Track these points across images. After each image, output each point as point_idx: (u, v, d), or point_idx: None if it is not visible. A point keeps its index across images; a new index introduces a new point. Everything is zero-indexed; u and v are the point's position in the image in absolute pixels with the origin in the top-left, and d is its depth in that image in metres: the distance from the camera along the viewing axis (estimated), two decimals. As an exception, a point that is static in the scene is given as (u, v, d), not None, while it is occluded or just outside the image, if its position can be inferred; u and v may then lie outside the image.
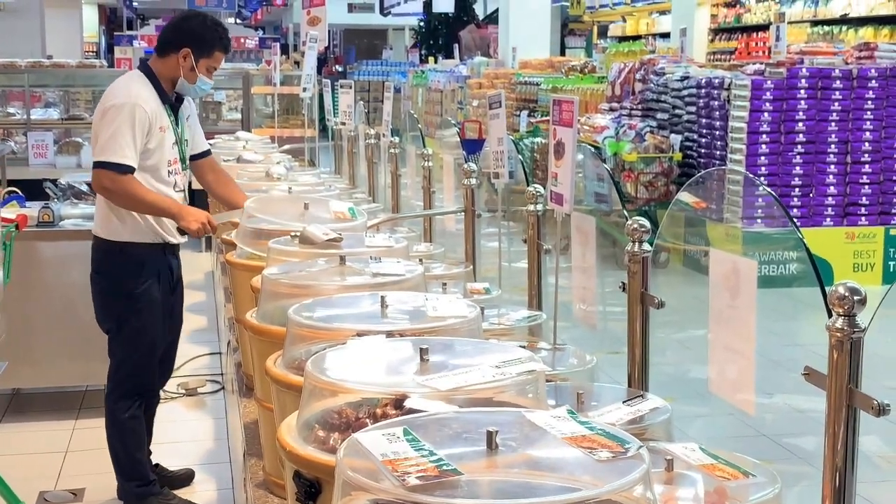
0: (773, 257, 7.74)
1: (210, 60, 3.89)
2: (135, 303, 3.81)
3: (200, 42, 3.85)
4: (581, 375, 2.55)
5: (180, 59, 3.82)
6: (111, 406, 3.88)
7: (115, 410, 3.87)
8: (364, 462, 1.38)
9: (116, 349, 3.89)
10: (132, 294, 3.80)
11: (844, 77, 8.05)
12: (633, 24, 18.10)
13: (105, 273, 3.85)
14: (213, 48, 3.88)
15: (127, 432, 3.87)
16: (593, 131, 9.29)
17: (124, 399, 3.86)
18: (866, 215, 8.15)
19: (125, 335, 3.85)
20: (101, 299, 3.90)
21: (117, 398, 3.87)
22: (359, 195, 5.63)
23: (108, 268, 3.84)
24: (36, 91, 9.59)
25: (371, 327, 2.12)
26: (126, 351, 3.86)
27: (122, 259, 3.80)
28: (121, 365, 3.88)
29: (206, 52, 3.86)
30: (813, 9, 12.93)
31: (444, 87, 15.98)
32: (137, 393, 3.89)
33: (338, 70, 26.97)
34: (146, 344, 3.87)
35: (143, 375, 3.92)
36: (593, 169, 7.02)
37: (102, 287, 3.87)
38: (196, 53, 3.83)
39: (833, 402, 1.72)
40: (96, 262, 3.89)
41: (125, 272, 3.80)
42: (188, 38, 3.84)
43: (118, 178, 3.62)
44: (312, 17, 8.45)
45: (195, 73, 3.84)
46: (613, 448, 1.39)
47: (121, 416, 3.86)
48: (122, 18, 34.13)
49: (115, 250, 3.80)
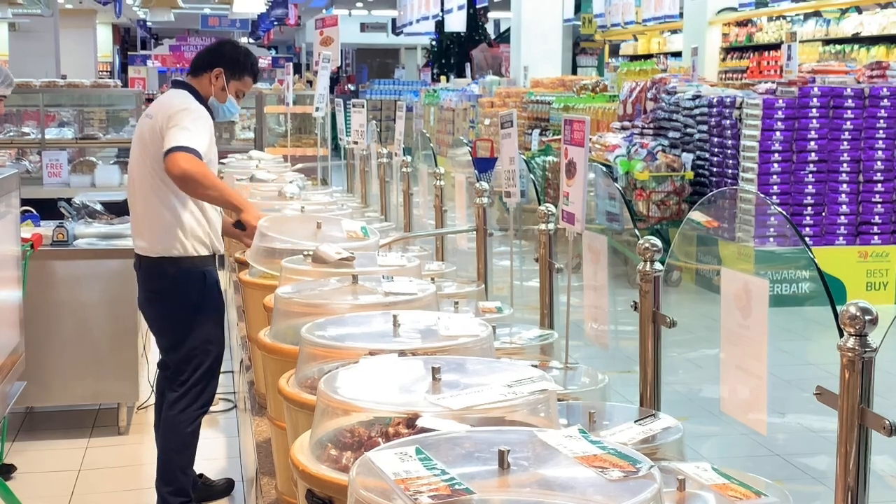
0: (785, 276, 7.73)
1: (240, 84, 4.08)
2: (202, 315, 3.87)
3: (233, 64, 4.06)
4: (593, 395, 2.55)
5: (212, 78, 4.00)
6: (176, 418, 3.89)
7: (180, 423, 3.89)
8: (376, 481, 1.38)
9: (185, 364, 3.90)
10: (200, 306, 3.86)
11: (856, 96, 8.05)
12: (645, 42, 18.13)
13: (167, 291, 3.87)
14: (244, 71, 4.09)
15: (187, 446, 3.92)
16: (605, 150, 9.31)
17: (191, 411, 3.90)
18: (879, 234, 8.13)
19: (195, 347, 3.88)
20: (165, 319, 3.92)
21: (183, 410, 3.89)
22: (371, 214, 5.65)
23: (170, 285, 3.85)
24: (50, 111, 9.65)
25: (383, 346, 2.13)
26: (197, 363, 3.89)
27: (182, 274, 3.83)
28: (191, 378, 3.89)
29: (238, 74, 4.07)
30: (825, 28, 12.93)
31: (455, 106, 16.02)
32: (203, 404, 3.95)
33: (350, 89, 27.06)
34: (214, 354, 3.94)
35: (211, 388, 3.98)
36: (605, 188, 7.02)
37: (165, 306, 3.89)
38: (228, 74, 4.03)
39: (845, 422, 1.72)
40: (153, 282, 3.89)
41: (190, 286, 3.83)
42: (222, 60, 4.05)
43: (193, 159, 3.62)
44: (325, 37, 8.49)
45: (225, 93, 4.03)
46: (625, 468, 1.39)
47: (185, 429, 3.89)
48: (135, 38, 34.38)
49: (172, 267, 3.82)
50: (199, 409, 3.93)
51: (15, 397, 3.55)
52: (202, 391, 3.93)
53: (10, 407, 3.49)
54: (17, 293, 3.62)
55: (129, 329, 5.10)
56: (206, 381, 3.94)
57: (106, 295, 4.97)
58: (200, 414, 3.95)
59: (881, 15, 12.02)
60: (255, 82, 4.24)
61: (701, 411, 4.36)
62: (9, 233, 3.44)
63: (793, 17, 13.48)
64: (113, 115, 9.74)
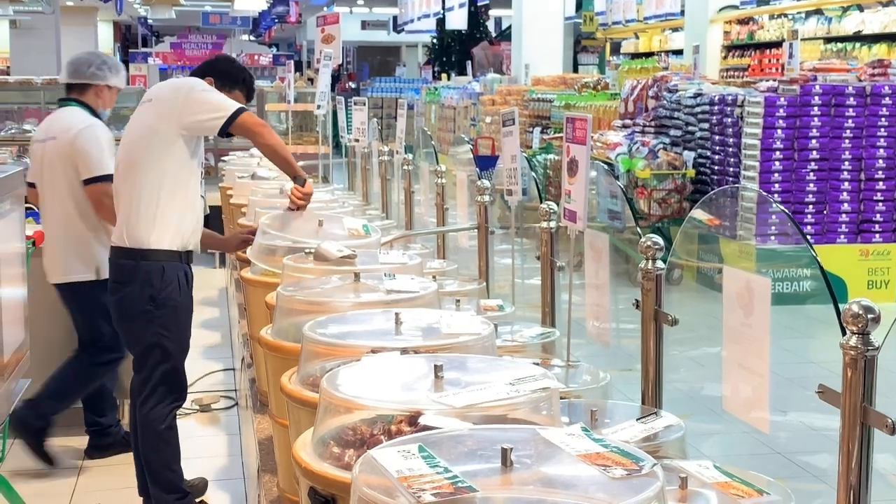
0: (786, 274, 7.73)
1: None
2: (160, 310, 3.78)
3: (224, 75, 4.08)
4: (594, 393, 2.55)
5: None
6: (145, 417, 3.82)
7: (151, 422, 3.81)
8: (379, 479, 1.38)
9: (144, 359, 3.84)
10: (156, 300, 3.77)
11: (858, 94, 8.05)
12: (646, 40, 18.13)
13: (127, 283, 3.80)
14: (235, 83, 4.10)
15: (164, 443, 3.85)
16: (606, 148, 9.31)
17: (161, 407, 3.82)
18: (880, 232, 8.13)
19: (153, 344, 3.80)
20: (124, 310, 3.84)
21: (152, 408, 3.82)
22: (372, 212, 5.65)
23: (131, 277, 3.78)
24: (51, 108, 9.64)
25: (385, 344, 2.13)
26: (156, 360, 3.81)
27: (144, 266, 3.76)
28: (152, 375, 3.82)
29: (229, 85, 4.06)
30: (826, 26, 12.93)
31: (457, 104, 16.02)
32: (173, 401, 3.86)
33: (351, 87, 27.07)
34: (175, 352, 3.84)
35: (177, 384, 3.89)
36: (606, 186, 7.02)
37: (125, 297, 3.82)
38: (218, 84, 3.98)
39: (847, 421, 1.72)
40: (117, 272, 3.84)
41: (149, 279, 3.76)
42: (213, 70, 4.09)
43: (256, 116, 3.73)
44: (327, 34, 8.48)
45: None
46: (628, 465, 1.39)
47: (158, 426, 3.81)
48: (136, 35, 34.38)
49: (136, 258, 3.76)
50: (168, 405, 3.84)
51: (20, 395, 3.55)
52: (170, 389, 3.84)
53: (14, 404, 3.49)
54: (22, 291, 3.62)
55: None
56: (171, 378, 3.84)
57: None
58: (171, 410, 3.86)
59: (883, 13, 12.02)
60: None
61: (703, 409, 4.37)
62: (14, 231, 3.43)
63: (794, 15, 13.48)
64: (114, 113, 9.69)
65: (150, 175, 3.75)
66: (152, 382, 3.82)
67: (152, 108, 3.83)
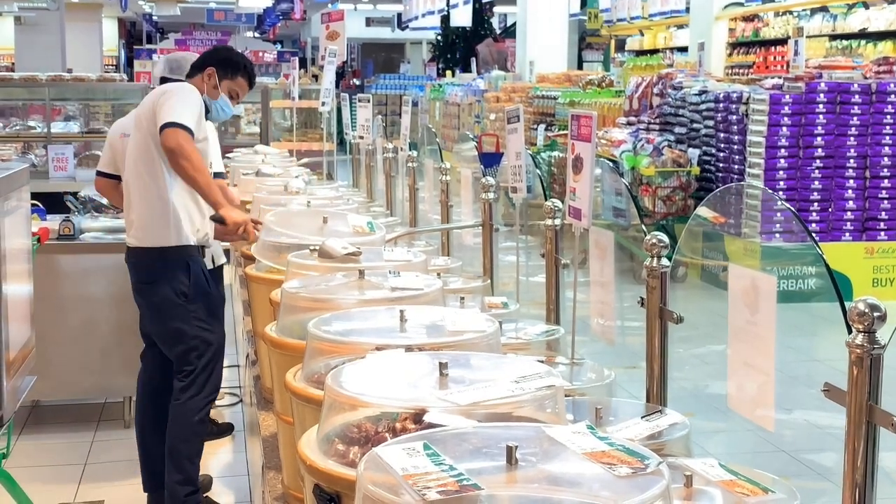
0: (792, 272, 7.71)
1: (233, 83, 4.13)
2: (193, 303, 3.85)
3: (225, 63, 4.12)
4: (599, 390, 2.55)
5: (205, 77, 4.06)
6: (182, 406, 3.86)
7: (188, 412, 3.86)
8: (384, 476, 1.38)
9: (186, 355, 3.87)
10: (187, 295, 3.83)
11: (863, 91, 8.03)
12: (651, 38, 18.10)
13: (155, 282, 3.85)
14: (236, 71, 4.14)
15: (196, 435, 3.90)
16: (611, 145, 9.29)
17: (198, 399, 3.88)
18: (886, 230, 8.11)
19: (195, 336, 3.86)
20: (156, 310, 3.89)
21: (190, 397, 3.86)
22: (376, 209, 5.64)
23: (158, 276, 3.83)
24: (56, 104, 9.65)
25: (390, 341, 2.13)
26: (198, 353, 3.87)
27: (168, 264, 3.82)
28: (195, 368, 3.87)
29: (230, 73, 4.12)
30: (831, 23, 12.90)
31: (461, 101, 16.01)
32: (209, 393, 3.93)
33: (356, 84, 27.05)
34: (215, 343, 3.92)
35: (216, 376, 3.96)
36: (611, 183, 7.02)
37: (155, 297, 3.86)
38: (220, 73, 4.08)
39: (853, 419, 1.71)
40: (141, 273, 3.89)
41: (175, 276, 3.82)
42: (214, 59, 4.14)
43: (188, 138, 3.64)
44: (331, 31, 8.49)
45: (217, 91, 4.08)
46: (633, 464, 1.39)
47: (192, 417, 3.86)
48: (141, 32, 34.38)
49: (158, 257, 3.82)
50: (206, 398, 3.92)
51: (26, 391, 3.56)
52: (207, 379, 3.91)
53: (21, 401, 3.49)
54: (29, 287, 3.62)
55: (136, 323, 5.09)
56: (211, 368, 3.92)
57: (112, 289, 4.97)
58: (208, 402, 3.94)
59: (888, 10, 11.99)
60: (251, 87, 4.26)
61: (708, 408, 4.36)
62: (20, 227, 3.44)
63: (799, 13, 13.44)
64: (119, 109, 9.73)
65: (156, 174, 3.82)
66: (194, 374, 3.88)
67: (141, 111, 3.91)
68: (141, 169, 3.85)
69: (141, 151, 3.85)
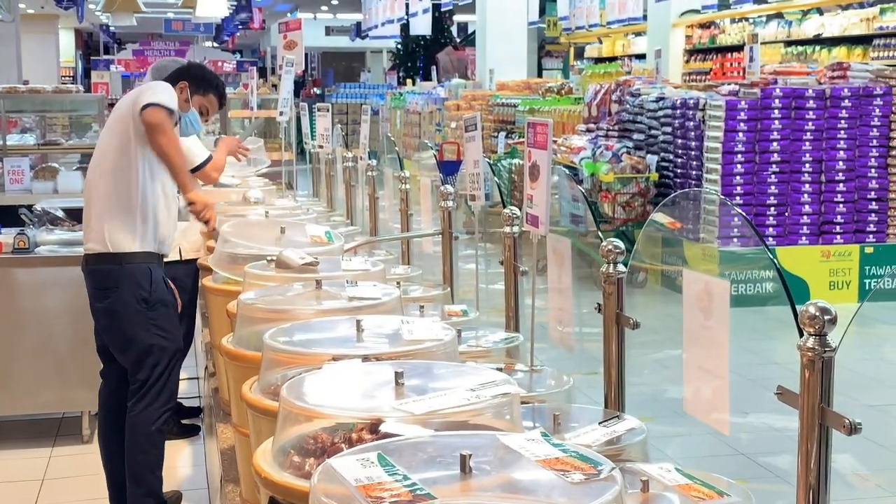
0: (749, 276, 7.78)
1: (204, 100, 4.23)
2: (152, 311, 3.81)
3: (198, 79, 4.23)
4: (558, 397, 2.55)
5: (177, 90, 4.04)
6: (137, 417, 3.81)
7: (143, 422, 3.81)
8: (338, 488, 1.38)
9: (142, 362, 3.83)
10: (148, 301, 3.80)
11: (818, 97, 8.13)
12: (609, 45, 18.21)
13: (113, 289, 3.80)
14: (208, 88, 4.25)
15: (152, 446, 3.84)
16: (570, 152, 9.34)
17: (153, 409, 3.83)
18: (841, 233, 8.21)
19: (151, 345, 3.82)
20: (115, 318, 3.84)
21: (144, 408, 3.82)
22: (337, 218, 5.63)
23: (116, 283, 3.79)
24: (12, 116, 9.52)
25: (347, 351, 2.12)
26: (154, 360, 3.83)
27: (128, 270, 3.79)
28: (150, 376, 3.83)
29: (202, 89, 4.22)
30: (787, 29, 13.05)
31: (422, 110, 16.02)
32: (166, 402, 3.88)
33: (316, 93, 26.98)
34: (171, 350, 3.88)
35: (171, 384, 3.91)
36: (569, 190, 7.05)
37: (114, 304, 3.82)
38: (192, 87, 4.17)
39: (805, 421, 1.73)
40: (100, 281, 3.84)
41: (135, 282, 3.78)
42: (187, 74, 4.22)
43: (169, 120, 3.74)
44: (289, 41, 8.46)
45: (189, 105, 4.15)
46: (586, 470, 1.39)
47: (148, 428, 3.81)
48: (98, 43, 34.12)
49: (117, 264, 3.78)
50: (161, 408, 3.86)
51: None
52: (163, 388, 3.86)
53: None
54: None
55: (93, 335, 5.04)
56: (166, 378, 3.87)
57: (69, 302, 4.92)
58: (164, 412, 3.88)
59: (842, 16, 12.14)
60: (221, 106, 4.38)
61: (667, 411, 4.38)
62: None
63: (755, 19, 13.58)
64: (76, 121, 9.64)
65: (129, 179, 3.79)
66: (149, 383, 3.83)
67: (117, 114, 3.91)
68: (110, 167, 3.81)
69: (116, 152, 3.81)
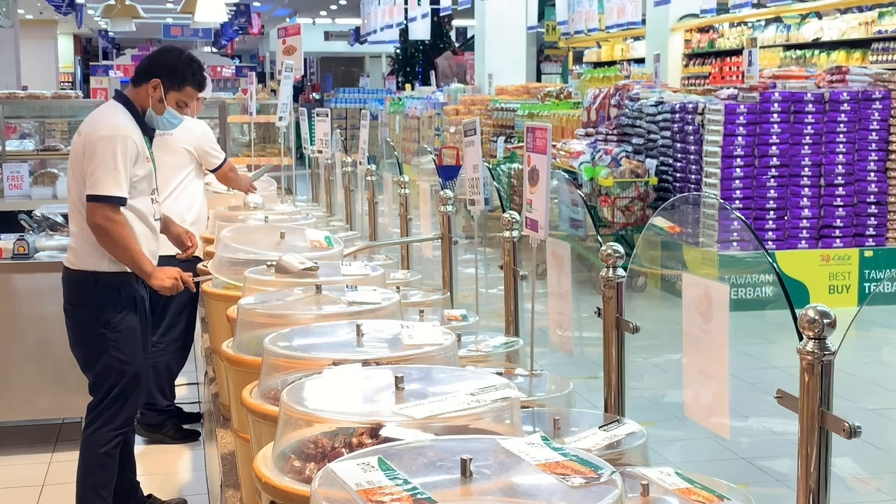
0: (748, 280, 7.79)
1: (180, 94, 3.90)
2: (115, 332, 3.73)
3: (171, 74, 3.86)
4: (558, 401, 2.55)
5: (150, 89, 3.83)
6: (89, 438, 3.77)
7: (94, 443, 3.76)
8: (339, 492, 1.38)
9: (99, 382, 3.78)
10: (111, 323, 3.73)
11: (817, 101, 8.14)
12: (608, 49, 18.23)
13: (81, 305, 3.77)
14: (183, 82, 3.90)
15: (100, 468, 3.77)
16: (569, 157, 9.34)
17: (106, 431, 3.76)
18: (841, 237, 8.21)
19: (108, 366, 3.75)
20: (79, 332, 3.81)
21: (97, 429, 3.76)
22: (336, 223, 5.63)
23: (85, 299, 3.76)
24: (11, 122, 9.53)
25: (347, 356, 2.12)
26: (111, 382, 3.75)
27: (98, 289, 3.74)
28: (105, 398, 3.76)
29: (177, 84, 3.88)
30: (785, 33, 13.07)
31: (421, 114, 16.03)
32: (119, 426, 3.79)
33: (315, 98, 26.98)
34: (130, 375, 3.78)
35: (127, 410, 3.82)
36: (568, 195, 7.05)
37: (79, 319, 3.79)
38: (166, 85, 3.84)
39: (805, 425, 1.73)
40: (71, 294, 3.82)
41: (104, 302, 3.73)
42: (160, 70, 3.86)
43: (113, 216, 3.62)
44: (288, 46, 8.46)
45: (163, 105, 3.85)
46: (587, 474, 1.39)
47: (98, 450, 3.75)
48: (97, 48, 34.11)
49: (90, 280, 3.74)
50: (113, 431, 3.77)
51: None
52: (117, 413, 3.77)
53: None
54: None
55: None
56: (121, 402, 3.77)
57: (68, 308, 4.91)
58: (116, 436, 3.78)
59: (840, 20, 12.16)
60: (200, 91, 4.04)
61: (667, 416, 4.38)
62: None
63: (754, 23, 13.60)
64: (75, 126, 9.62)
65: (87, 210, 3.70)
66: (104, 405, 3.77)
67: (72, 159, 3.81)
68: (76, 199, 3.75)
69: (78, 193, 3.75)
